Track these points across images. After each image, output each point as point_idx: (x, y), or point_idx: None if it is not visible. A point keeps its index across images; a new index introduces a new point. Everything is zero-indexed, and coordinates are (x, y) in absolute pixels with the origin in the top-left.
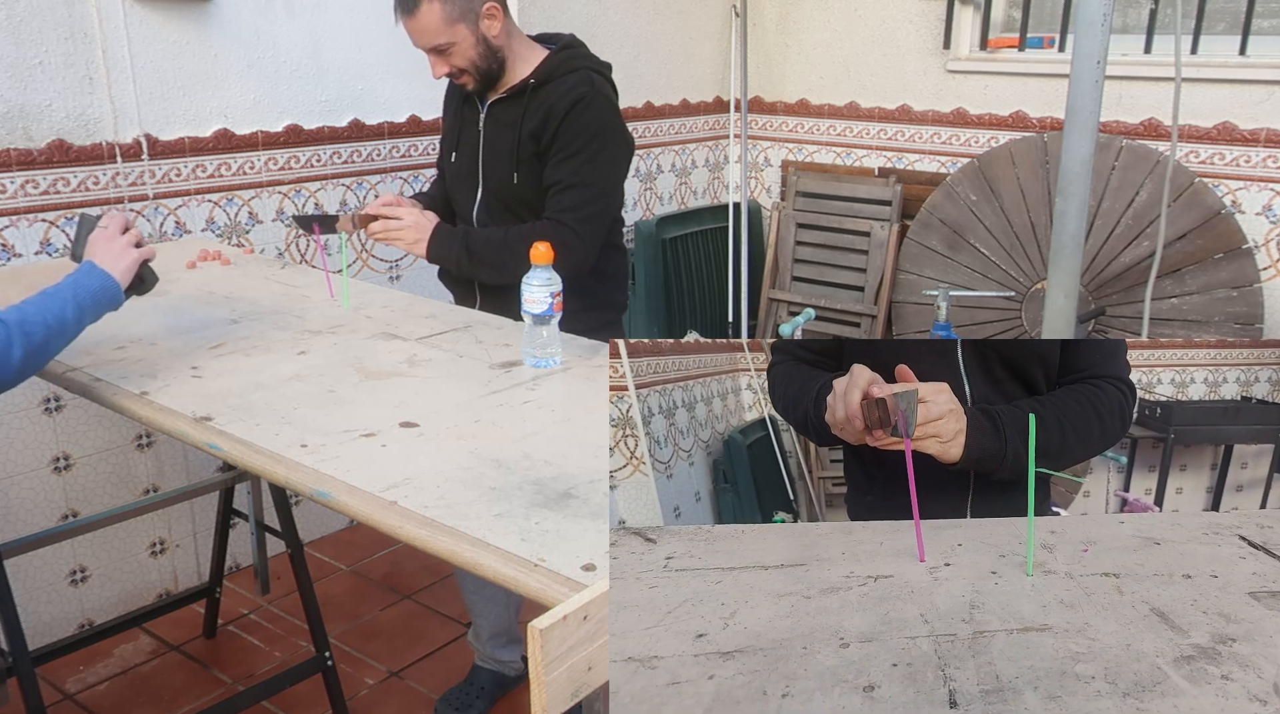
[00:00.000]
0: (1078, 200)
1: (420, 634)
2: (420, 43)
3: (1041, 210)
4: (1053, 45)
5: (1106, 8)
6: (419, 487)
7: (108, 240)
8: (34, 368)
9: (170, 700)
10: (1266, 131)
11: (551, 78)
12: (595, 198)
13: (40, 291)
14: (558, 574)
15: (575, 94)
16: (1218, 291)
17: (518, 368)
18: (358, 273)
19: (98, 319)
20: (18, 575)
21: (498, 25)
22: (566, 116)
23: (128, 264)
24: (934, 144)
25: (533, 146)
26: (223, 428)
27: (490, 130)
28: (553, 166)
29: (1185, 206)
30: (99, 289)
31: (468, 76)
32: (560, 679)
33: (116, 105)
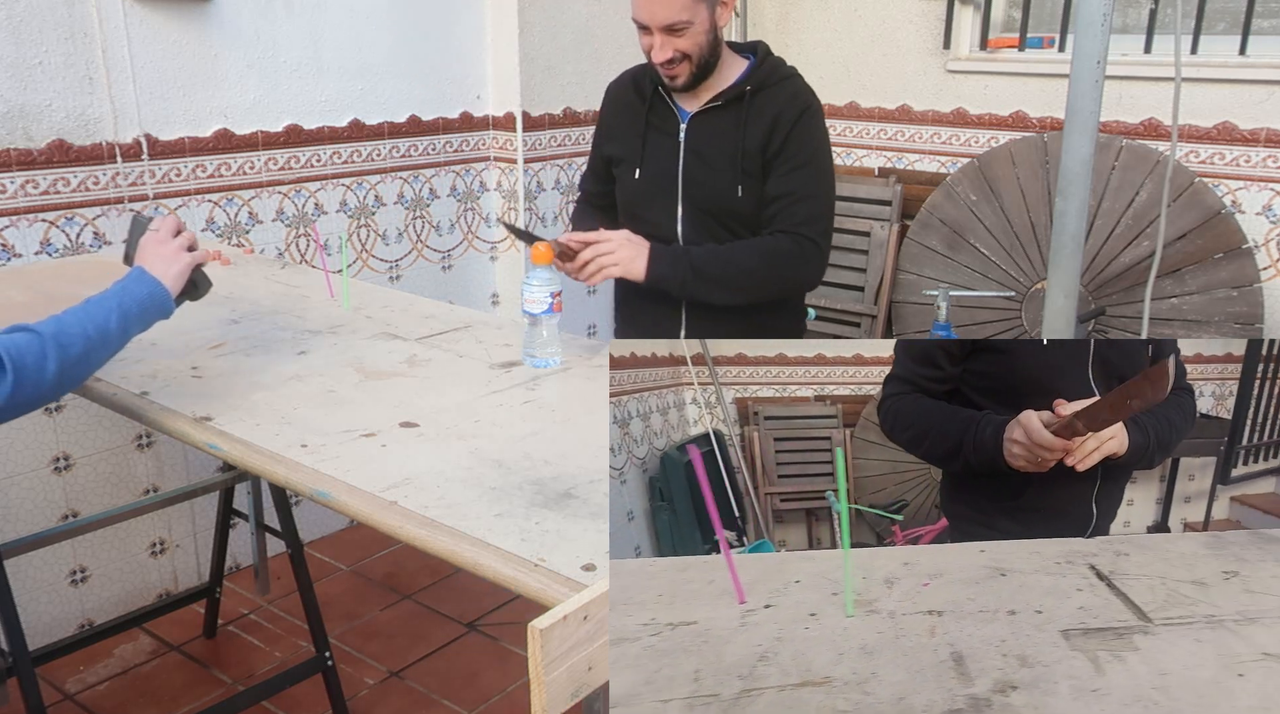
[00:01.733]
0: (1078, 200)
1: (420, 634)
2: (657, 16)
3: (1041, 210)
4: (1053, 45)
5: (1106, 8)
6: (419, 487)
7: (158, 244)
8: (73, 382)
9: (170, 700)
10: (1266, 131)
11: (766, 85)
12: (829, 210)
13: (85, 300)
14: (558, 574)
15: (802, 102)
16: (1218, 291)
17: (518, 368)
18: (358, 273)
19: (146, 328)
20: (18, 575)
21: (727, 18)
22: (796, 125)
23: (179, 269)
24: (934, 144)
25: (759, 158)
26: (223, 428)
27: (696, 141)
28: (781, 177)
29: (1185, 206)
30: (147, 297)
31: (686, 65)
32: (560, 679)
33: (116, 105)
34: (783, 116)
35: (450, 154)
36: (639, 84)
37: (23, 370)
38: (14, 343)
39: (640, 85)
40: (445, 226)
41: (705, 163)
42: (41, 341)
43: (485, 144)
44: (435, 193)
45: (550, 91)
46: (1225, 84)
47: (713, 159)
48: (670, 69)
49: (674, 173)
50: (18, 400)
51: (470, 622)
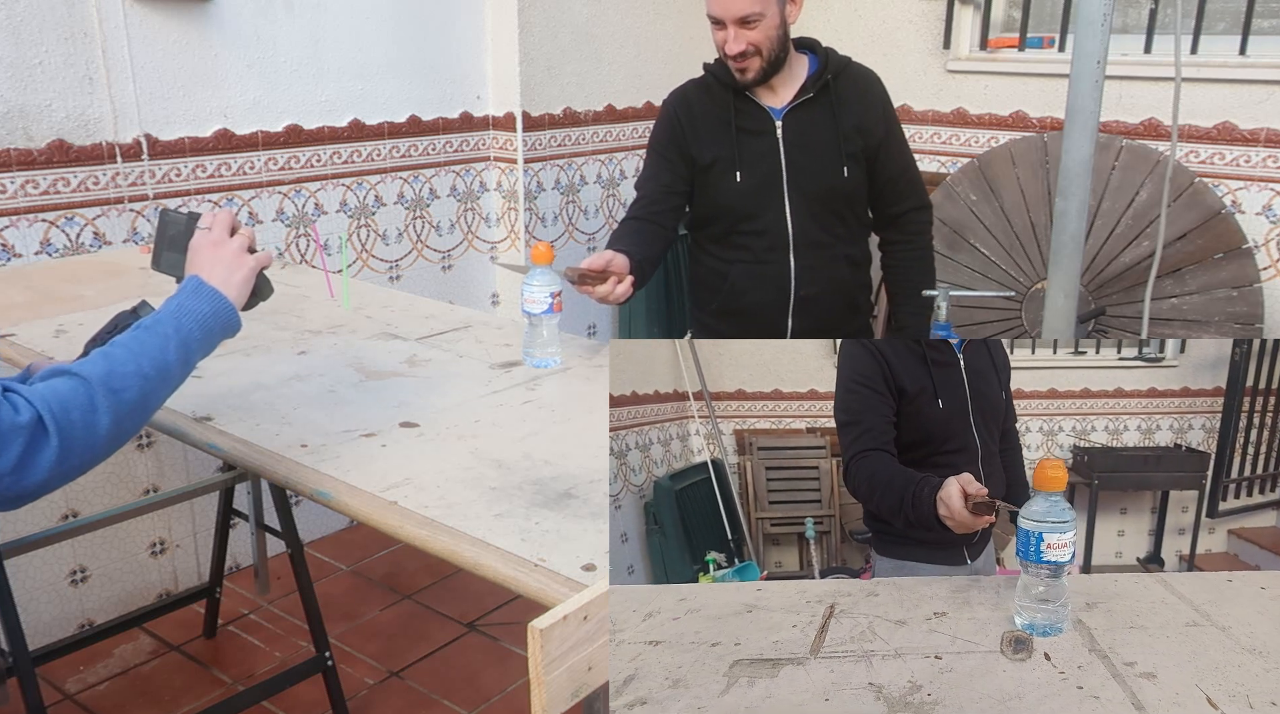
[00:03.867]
0: (1078, 200)
1: (420, 634)
2: (730, 10)
3: (1041, 210)
4: (1053, 45)
5: (1106, 8)
6: (419, 487)
7: (215, 247)
8: (129, 432)
9: (170, 700)
10: (1266, 131)
11: (841, 71)
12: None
13: (135, 326)
14: (558, 574)
15: (879, 83)
16: (1218, 291)
17: (518, 368)
18: (358, 273)
19: (210, 352)
20: (18, 575)
21: (796, 15)
22: (887, 104)
23: (243, 276)
24: (934, 144)
25: (861, 140)
26: (223, 428)
27: (795, 136)
28: (894, 156)
29: (1185, 206)
30: (209, 315)
31: (757, 59)
32: (560, 679)
33: (116, 105)
34: (874, 97)
35: (450, 154)
36: (711, 90)
37: (69, 429)
38: (56, 395)
39: (713, 91)
40: (445, 227)
41: (807, 152)
42: (89, 389)
43: (485, 144)
44: (435, 193)
45: (550, 91)
46: (1225, 84)
47: (814, 147)
48: (741, 62)
49: (778, 169)
50: (65, 467)
51: (470, 622)
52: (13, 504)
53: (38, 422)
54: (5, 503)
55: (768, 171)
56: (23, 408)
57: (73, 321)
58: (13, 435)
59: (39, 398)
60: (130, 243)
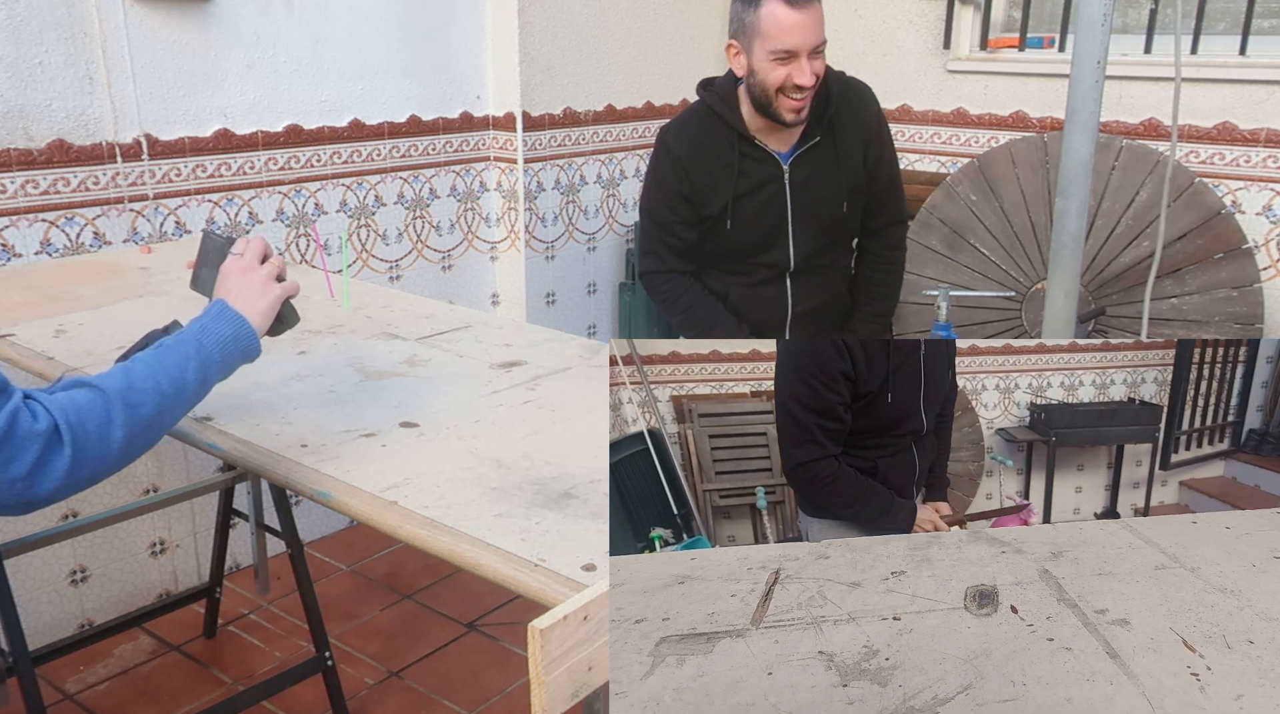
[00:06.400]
0: (1078, 200)
1: (420, 634)
2: (810, 39)
3: (1041, 210)
4: (1053, 45)
5: (1106, 8)
6: (419, 487)
7: (244, 272)
8: (142, 447)
9: (170, 700)
10: (1266, 131)
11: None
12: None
13: (157, 344)
14: (558, 574)
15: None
16: (1218, 291)
17: (518, 368)
18: (358, 273)
19: (228, 376)
20: (18, 575)
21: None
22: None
23: (268, 303)
24: (934, 144)
25: (861, 172)
26: (223, 428)
27: (801, 178)
28: (881, 174)
29: (1185, 206)
30: (230, 339)
31: (810, 95)
32: (560, 679)
33: (116, 105)
34: (865, 116)
35: (450, 154)
36: (714, 129)
37: (84, 439)
38: (74, 405)
39: (717, 130)
40: (445, 227)
41: (812, 192)
42: (106, 401)
43: (485, 144)
44: (435, 193)
45: (550, 91)
46: (1225, 84)
47: (818, 187)
48: (804, 98)
49: (784, 212)
50: (77, 477)
51: (470, 622)
52: (21, 510)
53: (54, 430)
54: (14, 509)
55: (774, 216)
56: (41, 416)
57: (72, 322)
58: (29, 442)
59: (57, 407)
60: (130, 243)
